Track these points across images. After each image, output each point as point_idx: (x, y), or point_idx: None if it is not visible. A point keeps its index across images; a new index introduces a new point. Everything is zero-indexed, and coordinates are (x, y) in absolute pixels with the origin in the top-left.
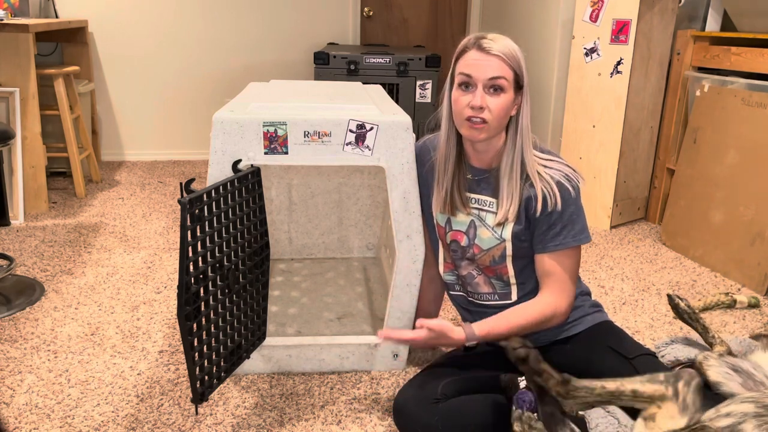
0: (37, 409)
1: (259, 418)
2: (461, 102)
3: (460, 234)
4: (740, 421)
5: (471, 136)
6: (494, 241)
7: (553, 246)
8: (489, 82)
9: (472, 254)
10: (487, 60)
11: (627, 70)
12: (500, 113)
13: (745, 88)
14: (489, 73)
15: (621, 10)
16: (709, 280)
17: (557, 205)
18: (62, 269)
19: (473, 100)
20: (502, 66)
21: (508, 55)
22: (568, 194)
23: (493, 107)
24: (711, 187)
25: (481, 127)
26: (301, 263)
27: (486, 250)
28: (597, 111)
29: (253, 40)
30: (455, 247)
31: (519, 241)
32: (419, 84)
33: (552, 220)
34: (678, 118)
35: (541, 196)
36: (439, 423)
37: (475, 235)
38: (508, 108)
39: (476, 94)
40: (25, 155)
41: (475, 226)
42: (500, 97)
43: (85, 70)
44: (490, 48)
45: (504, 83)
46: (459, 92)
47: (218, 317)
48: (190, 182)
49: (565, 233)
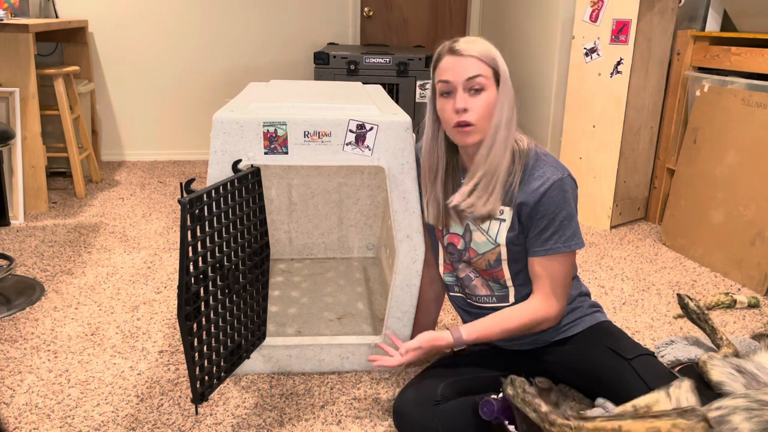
0: (37, 409)
1: (259, 418)
2: (447, 110)
3: (457, 237)
4: (730, 412)
5: (462, 141)
6: (489, 246)
7: (543, 251)
8: (467, 83)
9: (469, 257)
10: (462, 61)
11: (627, 70)
12: (485, 112)
13: (745, 88)
14: (465, 74)
15: (621, 10)
16: (709, 280)
17: (549, 207)
18: (62, 269)
19: (456, 103)
20: (478, 64)
21: (482, 53)
22: (561, 198)
23: (476, 107)
24: (711, 187)
25: (469, 130)
26: (301, 263)
27: (481, 254)
28: (597, 111)
29: (253, 40)
30: (452, 249)
31: (513, 246)
32: (419, 84)
33: (543, 225)
34: (678, 118)
35: (535, 198)
36: (439, 425)
37: (470, 239)
38: (491, 106)
39: (457, 97)
40: (25, 155)
41: (470, 230)
42: (481, 96)
43: (85, 70)
44: (462, 50)
45: (483, 81)
46: (442, 101)
47: (218, 317)
48: (190, 182)
49: (556, 238)
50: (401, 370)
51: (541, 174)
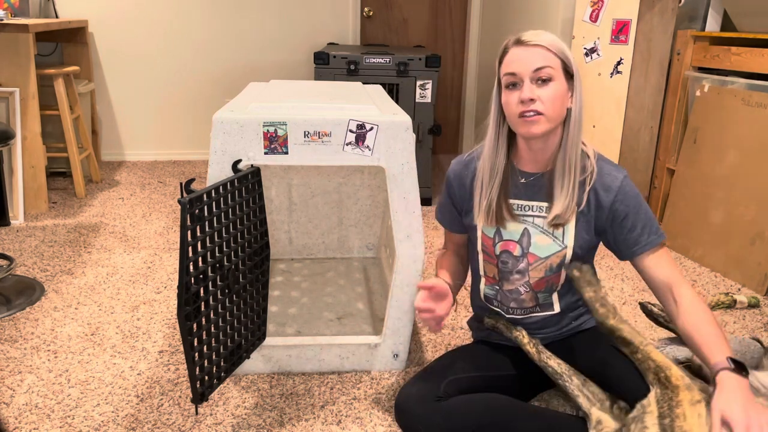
0: (37, 409)
1: (259, 418)
2: (512, 101)
3: (513, 243)
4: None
5: (528, 132)
6: (555, 248)
7: (640, 249)
8: (535, 74)
9: (526, 264)
10: (529, 52)
11: (627, 70)
12: (553, 102)
13: (745, 88)
14: (533, 65)
15: (621, 10)
16: (709, 280)
17: (629, 204)
18: (62, 269)
19: (522, 93)
20: (546, 54)
21: (550, 43)
22: (634, 193)
23: (544, 97)
24: (711, 187)
25: (536, 119)
26: (301, 263)
27: (543, 258)
28: (597, 111)
29: (253, 40)
30: (506, 258)
31: (580, 248)
32: (419, 84)
33: (630, 223)
34: (678, 118)
35: (610, 198)
36: (441, 421)
37: (529, 243)
38: (561, 97)
39: (524, 87)
40: (25, 155)
41: (529, 234)
42: (549, 87)
43: (85, 70)
44: (529, 40)
45: (551, 72)
46: (507, 93)
47: (218, 317)
48: (190, 182)
49: (648, 232)
50: (402, 367)
51: (608, 172)
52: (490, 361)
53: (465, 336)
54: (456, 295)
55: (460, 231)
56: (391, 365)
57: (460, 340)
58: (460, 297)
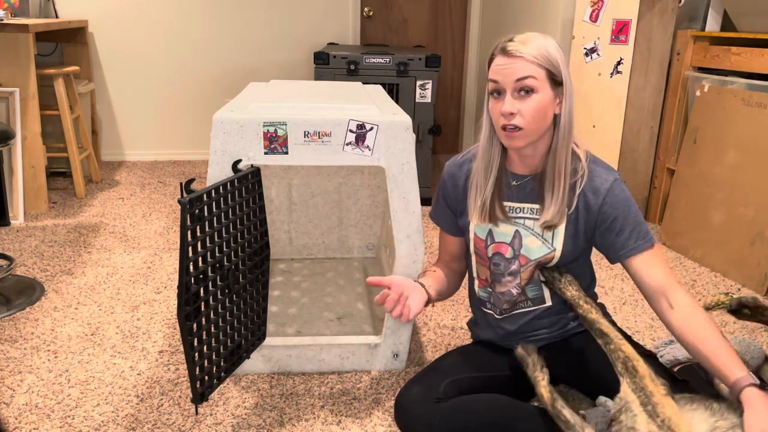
0: (37, 409)
1: (259, 418)
2: (495, 111)
3: (504, 246)
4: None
5: (509, 144)
6: (544, 251)
7: (628, 252)
8: (516, 84)
9: (518, 266)
10: (512, 63)
11: (627, 70)
12: (534, 116)
13: (745, 88)
14: (514, 76)
15: (621, 10)
16: (709, 281)
17: (618, 207)
18: (62, 269)
19: (503, 107)
20: (528, 66)
21: (535, 53)
22: (624, 196)
23: (525, 111)
24: (711, 187)
25: (516, 134)
26: (301, 263)
27: (533, 260)
28: (597, 111)
29: (253, 40)
30: (498, 260)
31: (568, 252)
32: (419, 84)
33: (618, 226)
34: (678, 118)
35: (599, 201)
36: (441, 422)
37: (520, 245)
38: (543, 108)
39: (505, 100)
40: (25, 155)
41: (521, 236)
42: (531, 99)
43: (85, 70)
44: (514, 50)
45: (533, 83)
46: (492, 101)
47: (218, 317)
48: (190, 182)
49: (636, 236)
50: (402, 367)
51: (598, 175)
52: (490, 362)
53: (465, 336)
54: (434, 301)
55: (456, 232)
56: (391, 365)
57: (460, 341)
58: (460, 297)
